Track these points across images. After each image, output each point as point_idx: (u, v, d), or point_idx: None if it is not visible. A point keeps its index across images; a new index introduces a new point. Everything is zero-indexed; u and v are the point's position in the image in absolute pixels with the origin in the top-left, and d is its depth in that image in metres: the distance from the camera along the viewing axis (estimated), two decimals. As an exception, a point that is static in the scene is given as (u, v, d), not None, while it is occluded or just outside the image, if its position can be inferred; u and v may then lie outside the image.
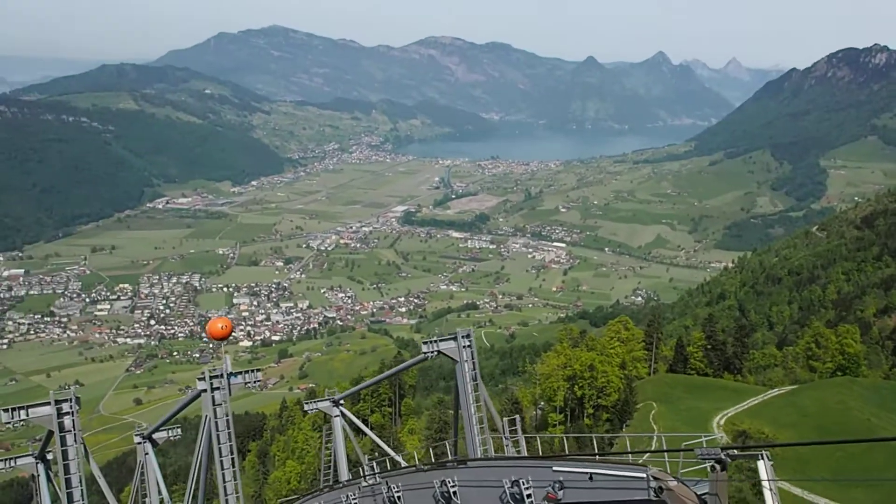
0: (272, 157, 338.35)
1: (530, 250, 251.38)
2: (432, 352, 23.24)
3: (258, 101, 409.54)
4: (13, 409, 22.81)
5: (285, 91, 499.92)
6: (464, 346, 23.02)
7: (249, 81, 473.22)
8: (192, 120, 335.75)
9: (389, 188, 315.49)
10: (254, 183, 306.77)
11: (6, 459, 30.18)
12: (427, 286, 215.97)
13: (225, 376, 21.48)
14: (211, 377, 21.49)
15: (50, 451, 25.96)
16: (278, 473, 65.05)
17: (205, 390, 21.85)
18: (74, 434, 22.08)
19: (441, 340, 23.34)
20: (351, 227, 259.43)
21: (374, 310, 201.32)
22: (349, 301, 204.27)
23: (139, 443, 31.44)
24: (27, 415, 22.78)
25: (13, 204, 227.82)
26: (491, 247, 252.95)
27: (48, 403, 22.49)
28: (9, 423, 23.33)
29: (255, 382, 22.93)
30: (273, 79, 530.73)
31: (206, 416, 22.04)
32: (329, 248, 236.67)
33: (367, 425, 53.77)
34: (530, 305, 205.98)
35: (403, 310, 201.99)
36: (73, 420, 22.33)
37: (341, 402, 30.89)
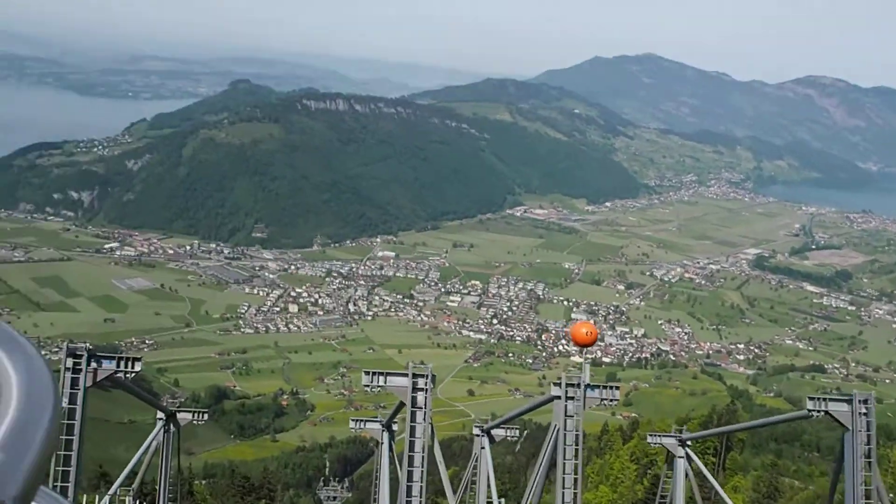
0: (629, 181, 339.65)
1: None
2: (819, 411, 20.41)
3: (623, 125, 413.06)
4: (373, 374, 23.67)
5: (651, 118, 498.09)
6: (860, 413, 19.95)
7: (617, 105, 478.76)
8: (559, 136, 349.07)
9: (744, 228, 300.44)
10: (608, 204, 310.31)
11: (358, 420, 33.61)
12: (771, 337, 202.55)
13: (582, 387, 20.42)
14: (567, 385, 20.56)
15: (396, 422, 27.72)
16: (589, 495, 65.97)
17: (558, 397, 20.91)
18: (425, 412, 22.22)
19: (831, 400, 20.67)
20: (698, 262, 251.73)
21: (710, 351, 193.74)
22: (685, 337, 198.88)
23: (477, 435, 32.88)
24: (384, 382, 23.36)
25: (397, 194, 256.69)
26: (850, 308, 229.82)
27: (406, 375, 22.84)
28: (367, 385, 24.00)
29: (611, 401, 21.66)
30: (640, 105, 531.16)
31: (555, 426, 20.99)
32: (672, 280, 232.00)
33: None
34: (887, 381, 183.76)
35: (741, 357, 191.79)
36: (425, 397, 22.47)
37: (688, 442, 29.60)
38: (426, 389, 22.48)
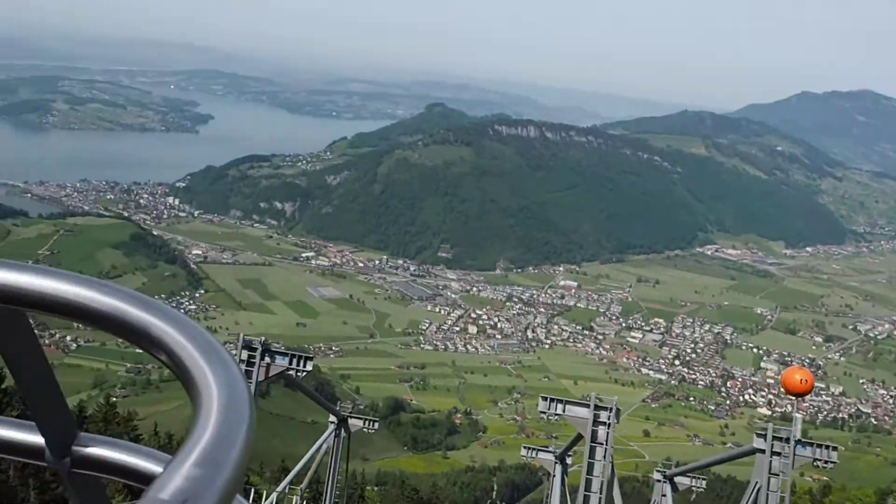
0: (835, 226, 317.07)
1: None
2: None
3: (831, 166, 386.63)
4: (552, 400, 22.60)
5: (863, 159, 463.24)
6: None
7: (825, 144, 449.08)
8: (757, 174, 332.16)
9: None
10: (808, 249, 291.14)
11: (530, 448, 31.81)
12: None
13: (792, 442, 17.96)
14: (774, 437, 18.37)
15: (571, 455, 25.63)
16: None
17: (762, 451, 18.85)
18: (606, 448, 21.01)
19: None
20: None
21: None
22: (891, 401, 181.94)
23: (659, 480, 30.55)
24: (563, 410, 22.26)
25: (582, 223, 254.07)
26: None
27: (587, 405, 21.59)
28: (544, 412, 23.06)
29: (826, 463, 19.36)
30: (852, 144, 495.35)
31: (756, 484, 18.69)
32: (879, 337, 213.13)
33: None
34: None
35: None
36: (607, 432, 21.25)
37: None
38: (609, 424, 20.95)
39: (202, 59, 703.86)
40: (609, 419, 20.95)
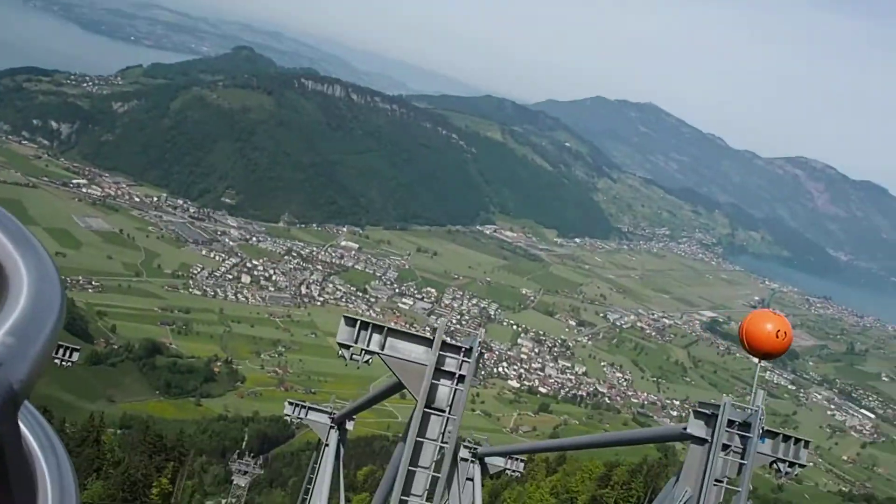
0: (603, 222, 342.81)
1: (832, 407, 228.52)
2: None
3: (609, 168, 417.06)
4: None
5: (638, 166, 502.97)
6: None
7: (609, 147, 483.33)
8: (544, 165, 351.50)
9: (705, 290, 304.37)
10: (577, 240, 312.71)
11: (298, 405, 24.55)
12: (708, 399, 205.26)
13: (755, 433, 11.33)
14: (728, 420, 11.64)
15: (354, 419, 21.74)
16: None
17: (702, 440, 11.59)
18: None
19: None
20: (653, 314, 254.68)
21: (646, 402, 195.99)
22: (624, 383, 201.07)
23: (465, 459, 22.97)
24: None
25: (372, 188, 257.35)
26: (790, 387, 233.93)
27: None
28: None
29: (792, 467, 12.17)
30: (631, 151, 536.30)
31: (685, 492, 11.31)
32: (624, 326, 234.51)
33: None
34: (811, 464, 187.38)
35: (675, 413, 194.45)
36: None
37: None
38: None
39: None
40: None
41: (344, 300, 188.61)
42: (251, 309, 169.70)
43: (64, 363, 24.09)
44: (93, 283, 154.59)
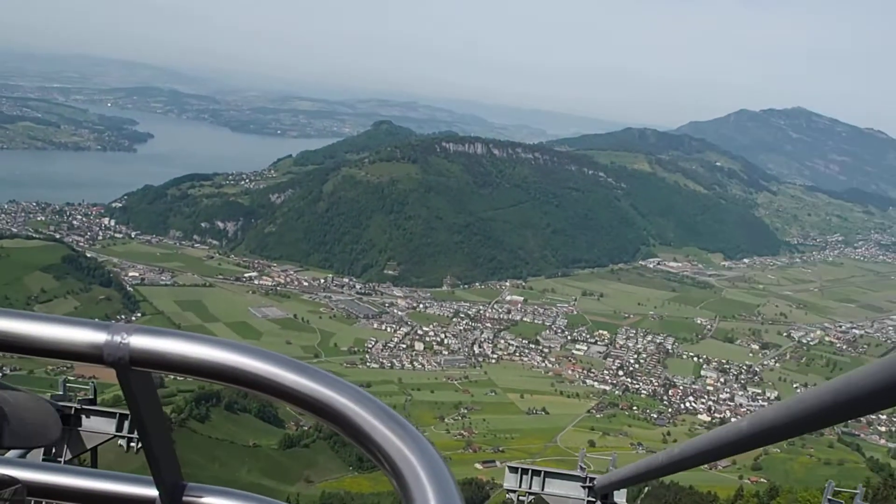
0: (770, 238, 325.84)
1: None
2: None
3: (767, 181, 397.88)
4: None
5: (797, 174, 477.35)
6: None
7: (761, 160, 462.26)
8: (698, 189, 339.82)
9: (892, 293, 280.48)
10: (746, 260, 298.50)
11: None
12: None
13: None
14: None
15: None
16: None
17: None
18: None
19: None
20: (840, 326, 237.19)
21: (850, 421, 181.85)
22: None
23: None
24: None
25: (528, 238, 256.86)
26: None
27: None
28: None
29: None
30: (786, 160, 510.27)
31: None
32: (812, 343, 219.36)
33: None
34: None
35: (883, 429, 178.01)
36: None
37: None
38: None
39: (142, 76, 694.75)
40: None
41: (517, 354, 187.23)
42: (428, 375, 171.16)
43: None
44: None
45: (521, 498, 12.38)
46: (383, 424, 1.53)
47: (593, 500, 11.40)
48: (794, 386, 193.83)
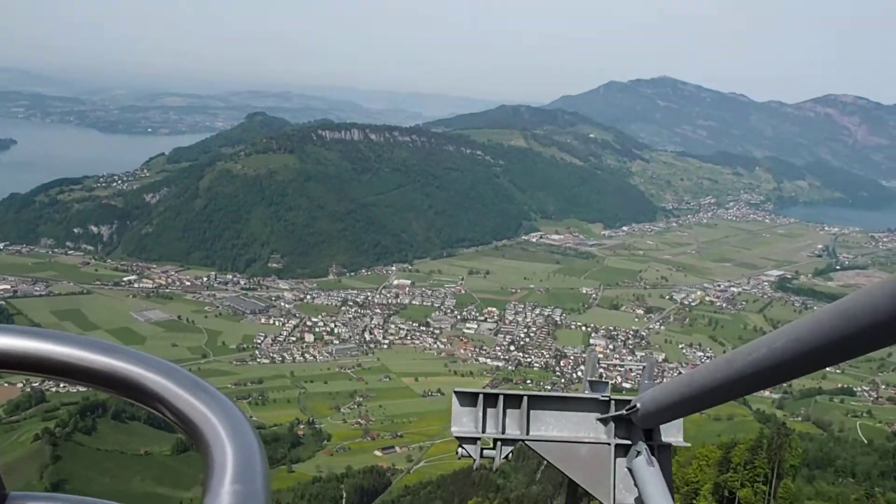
0: (646, 205, 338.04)
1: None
2: None
3: (639, 149, 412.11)
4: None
5: (667, 141, 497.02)
6: None
7: (633, 129, 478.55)
8: (574, 161, 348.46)
9: (765, 250, 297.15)
10: (625, 228, 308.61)
11: None
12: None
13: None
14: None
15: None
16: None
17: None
18: None
19: None
20: (719, 285, 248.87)
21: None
22: (708, 361, 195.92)
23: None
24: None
25: (411, 222, 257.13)
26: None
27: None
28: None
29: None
30: (657, 128, 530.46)
31: None
32: (693, 304, 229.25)
33: (735, 500, 50.86)
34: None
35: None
36: None
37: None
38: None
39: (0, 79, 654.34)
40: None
41: (409, 338, 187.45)
42: (321, 366, 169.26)
43: None
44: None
45: (487, 453, 6.59)
46: (185, 390, 1.52)
47: (626, 442, 6.43)
48: (680, 346, 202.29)
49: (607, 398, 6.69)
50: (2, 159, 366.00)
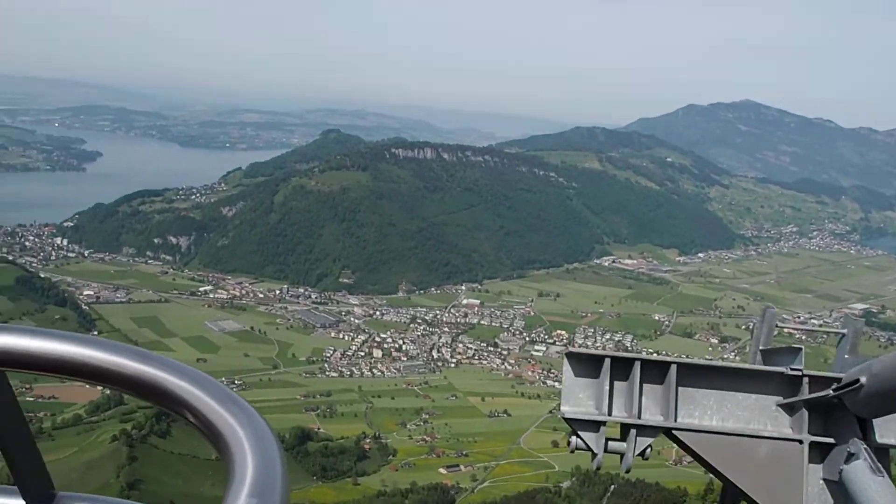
0: (724, 232, 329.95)
1: None
2: None
3: (718, 174, 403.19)
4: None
5: (748, 167, 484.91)
6: None
7: (712, 154, 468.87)
8: (650, 185, 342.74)
9: (849, 282, 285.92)
10: (701, 255, 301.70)
11: None
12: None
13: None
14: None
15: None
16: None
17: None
18: None
19: None
20: (798, 317, 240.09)
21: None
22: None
23: None
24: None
25: (482, 242, 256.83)
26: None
27: None
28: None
29: None
30: (736, 153, 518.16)
31: None
32: (771, 335, 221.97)
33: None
34: None
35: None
36: None
37: None
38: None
39: (88, 95, 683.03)
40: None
41: (476, 357, 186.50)
42: (388, 381, 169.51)
43: None
44: (236, 381, 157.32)
45: (613, 446, 5.04)
46: (214, 399, 1.55)
47: (826, 440, 4.73)
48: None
49: (799, 372, 4.85)
50: (88, 171, 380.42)
